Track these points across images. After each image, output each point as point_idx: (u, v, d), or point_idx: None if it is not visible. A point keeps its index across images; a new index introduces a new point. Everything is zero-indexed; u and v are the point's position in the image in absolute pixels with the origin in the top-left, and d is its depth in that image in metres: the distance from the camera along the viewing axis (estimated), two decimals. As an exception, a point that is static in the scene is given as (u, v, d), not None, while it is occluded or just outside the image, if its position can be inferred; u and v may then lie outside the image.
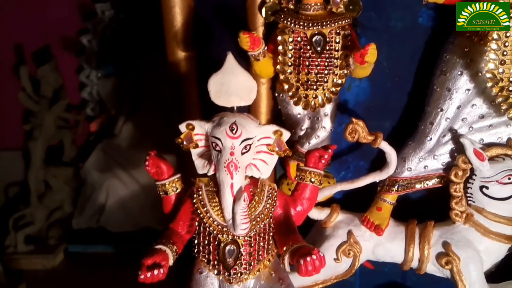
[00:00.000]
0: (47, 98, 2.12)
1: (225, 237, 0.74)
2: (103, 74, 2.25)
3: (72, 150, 2.30)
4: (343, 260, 0.94)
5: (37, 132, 2.06)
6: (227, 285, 0.76)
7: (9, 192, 2.36)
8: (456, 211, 0.90)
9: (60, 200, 2.20)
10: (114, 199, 2.13)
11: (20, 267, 2.00)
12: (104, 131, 2.29)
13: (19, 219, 2.08)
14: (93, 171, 2.17)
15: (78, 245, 2.12)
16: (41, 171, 2.12)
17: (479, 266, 0.88)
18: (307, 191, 0.80)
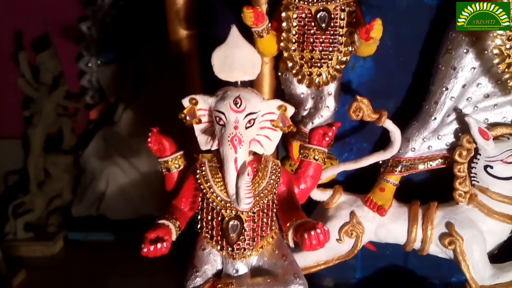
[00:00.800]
0: (46, 85, 2.10)
1: (228, 213, 0.73)
2: (103, 62, 2.24)
3: (72, 138, 2.29)
4: (345, 241, 0.93)
5: (36, 119, 2.05)
6: (230, 262, 0.76)
7: (8, 180, 2.35)
8: (459, 191, 0.89)
9: (60, 187, 2.19)
10: (114, 187, 2.13)
11: (19, 254, 2.00)
12: (104, 119, 2.28)
13: (19, 206, 2.08)
14: (93, 159, 2.16)
15: (78, 232, 2.12)
16: (40, 159, 2.11)
17: (483, 246, 0.88)
18: (310, 169, 0.80)
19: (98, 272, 1.99)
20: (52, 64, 2.09)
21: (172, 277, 0.87)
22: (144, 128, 2.11)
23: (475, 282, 0.87)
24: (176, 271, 0.81)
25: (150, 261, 2.10)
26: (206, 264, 0.76)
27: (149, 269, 1.98)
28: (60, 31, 2.26)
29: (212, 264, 0.76)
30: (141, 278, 1.92)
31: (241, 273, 0.76)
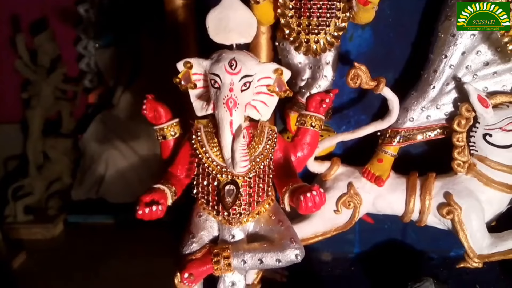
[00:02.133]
0: (44, 68, 2.09)
1: (224, 178, 0.73)
2: (101, 45, 2.22)
3: (71, 122, 2.28)
4: (343, 212, 0.93)
5: (35, 101, 2.05)
6: (226, 228, 0.75)
7: (8, 165, 2.35)
8: (458, 161, 0.88)
9: (59, 171, 2.19)
10: (113, 170, 2.13)
11: (20, 236, 2.00)
12: (103, 102, 2.28)
13: (18, 189, 2.08)
14: (92, 142, 2.16)
15: (78, 215, 2.13)
16: (39, 142, 2.11)
17: (481, 215, 0.87)
18: (307, 136, 0.79)
19: (97, 254, 2.00)
20: (49, 46, 2.07)
21: (171, 260, 0.86)
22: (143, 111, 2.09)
23: (473, 252, 0.87)
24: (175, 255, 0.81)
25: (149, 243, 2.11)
26: (203, 230, 0.76)
27: (148, 251, 1.99)
28: (57, 14, 2.24)
29: (208, 231, 0.76)
30: (140, 261, 1.93)
31: (237, 239, 0.75)
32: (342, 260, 1.13)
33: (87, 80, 2.30)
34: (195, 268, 0.70)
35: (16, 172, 2.28)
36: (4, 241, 1.86)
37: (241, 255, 0.72)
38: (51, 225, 2.04)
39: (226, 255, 0.71)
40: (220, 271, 0.72)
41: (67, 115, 2.26)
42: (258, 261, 0.71)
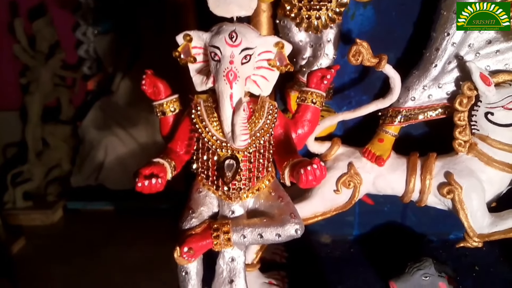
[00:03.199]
0: (43, 53, 2.08)
1: (224, 152, 0.72)
2: (100, 31, 2.21)
3: (70, 109, 2.28)
4: (343, 192, 0.92)
5: (33, 87, 2.04)
6: (226, 204, 0.75)
7: (7, 152, 2.35)
8: (459, 140, 0.88)
9: (58, 158, 2.19)
10: (112, 157, 2.13)
11: (19, 222, 2.01)
12: (102, 89, 2.27)
13: (17, 176, 2.08)
14: (91, 129, 2.16)
15: (77, 202, 2.13)
16: (38, 128, 2.11)
17: (481, 195, 0.87)
18: (308, 113, 0.78)
19: (97, 241, 2.00)
20: (48, 31, 2.06)
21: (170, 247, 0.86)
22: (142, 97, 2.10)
23: (473, 231, 0.87)
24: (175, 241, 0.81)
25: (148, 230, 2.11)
26: (202, 206, 0.75)
27: (148, 238, 1.99)
28: (56, 0, 2.22)
29: (208, 207, 0.76)
30: (140, 247, 1.94)
31: (237, 215, 0.75)
32: (341, 242, 1.13)
33: (86, 67, 2.29)
34: (194, 242, 0.70)
35: (15, 159, 2.27)
36: (3, 226, 1.86)
37: (241, 230, 0.71)
38: (50, 211, 2.04)
39: (225, 230, 0.71)
40: (219, 246, 0.72)
41: (66, 102, 2.25)
42: (258, 236, 0.71)
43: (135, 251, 1.92)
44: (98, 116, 2.15)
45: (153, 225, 2.00)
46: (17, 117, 2.33)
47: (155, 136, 2.10)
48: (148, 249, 1.91)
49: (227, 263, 0.75)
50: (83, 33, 2.22)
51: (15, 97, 2.33)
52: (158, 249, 1.86)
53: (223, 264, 0.76)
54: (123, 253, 1.92)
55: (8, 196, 2.03)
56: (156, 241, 1.91)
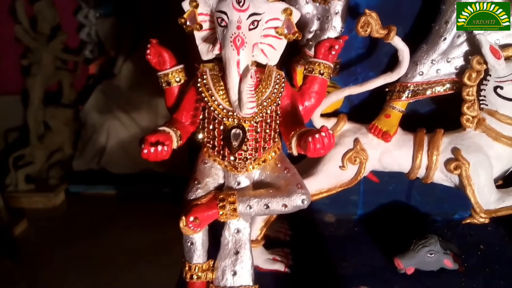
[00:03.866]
0: (44, 35, 2.06)
1: (230, 122, 0.71)
2: (102, 14, 2.19)
3: (71, 93, 2.27)
4: (348, 168, 0.92)
5: (35, 69, 2.03)
6: (232, 175, 0.74)
7: (8, 137, 2.34)
8: (467, 116, 0.87)
9: (60, 141, 2.19)
10: (114, 141, 2.12)
11: (21, 205, 2.01)
12: (104, 73, 2.25)
13: (19, 159, 2.08)
14: (93, 113, 2.15)
15: (79, 185, 2.13)
16: (40, 111, 2.10)
17: (489, 171, 0.86)
18: (315, 84, 0.77)
19: (99, 224, 2.00)
20: (49, 13, 2.04)
21: (172, 230, 0.85)
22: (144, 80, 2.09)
23: (479, 207, 0.86)
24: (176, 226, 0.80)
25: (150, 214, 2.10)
26: (208, 177, 0.75)
27: (150, 222, 1.99)
28: (57, -18, 2.19)
29: (213, 178, 0.75)
30: (142, 231, 1.94)
31: (243, 186, 0.74)
32: (345, 221, 1.13)
33: (88, 51, 2.27)
34: (200, 212, 0.70)
35: (17, 143, 2.27)
36: (5, 209, 1.86)
37: (247, 200, 0.71)
38: (52, 194, 2.04)
39: (231, 200, 0.70)
40: (225, 217, 0.71)
41: (67, 86, 2.24)
42: (264, 206, 0.70)
43: (137, 235, 1.93)
44: (100, 100, 2.14)
45: (154, 209, 2.01)
46: (18, 101, 2.32)
47: (157, 120, 2.09)
48: (150, 233, 1.91)
49: (233, 235, 0.75)
50: (84, 16, 2.20)
51: (17, 81, 2.32)
52: (159, 233, 1.87)
53: (228, 236, 0.75)
54: (125, 237, 1.92)
55: (10, 179, 2.02)
56: (157, 225, 1.92)
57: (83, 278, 1.63)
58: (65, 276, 1.63)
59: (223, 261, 0.75)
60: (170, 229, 0.84)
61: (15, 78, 2.32)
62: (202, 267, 0.75)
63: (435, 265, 0.93)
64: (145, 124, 2.12)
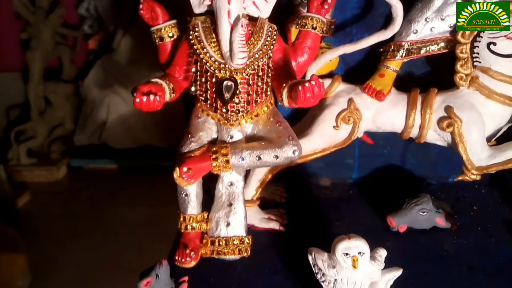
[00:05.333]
0: (43, 10, 2.06)
1: (222, 74, 0.72)
2: (100, -12, 2.18)
3: (71, 69, 2.27)
4: (342, 127, 0.92)
5: (34, 43, 2.03)
6: (225, 129, 0.76)
7: (10, 113, 2.36)
8: (461, 74, 0.87)
9: (61, 117, 2.21)
10: (115, 116, 2.14)
11: (24, 179, 2.04)
12: (103, 48, 2.25)
13: (21, 133, 2.10)
14: (93, 88, 2.16)
15: (81, 159, 2.15)
16: (40, 86, 2.11)
17: (481, 128, 0.87)
18: (308, 39, 0.78)
19: (100, 198, 2.04)
20: (48, -13, 2.03)
21: (172, 205, 0.87)
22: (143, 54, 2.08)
23: (471, 164, 0.87)
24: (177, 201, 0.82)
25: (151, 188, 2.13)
26: (201, 131, 0.76)
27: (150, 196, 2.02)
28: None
29: (207, 132, 0.76)
30: (142, 205, 1.97)
31: (235, 140, 0.75)
32: (340, 185, 1.14)
33: (87, 26, 2.27)
34: (193, 163, 0.71)
35: (19, 119, 2.29)
36: (8, 181, 1.89)
37: (240, 152, 0.72)
38: (54, 168, 2.07)
39: (224, 153, 0.72)
40: (218, 169, 0.73)
41: (67, 62, 2.24)
42: (256, 158, 0.72)
43: (137, 208, 1.96)
44: (99, 75, 2.15)
45: (155, 183, 2.03)
46: (19, 78, 2.33)
47: (157, 96, 2.10)
48: (150, 206, 1.94)
49: (226, 187, 0.76)
50: (83, -10, 2.19)
51: (17, 58, 2.32)
52: (159, 206, 1.89)
53: (222, 189, 0.77)
54: (125, 210, 1.96)
55: (12, 153, 2.05)
56: (158, 198, 1.94)
57: (84, 249, 1.67)
58: (66, 247, 1.67)
59: (217, 213, 0.76)
60: (171, 202, 0.86)
61: (16, 55, 2.33)
62: (197, 218, 0.76)
63: (427, 224, 0.94)
64: (145, 99, 2.12)
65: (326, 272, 0.69)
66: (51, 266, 1.55)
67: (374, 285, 0.71)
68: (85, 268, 1.54)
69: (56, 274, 1.51)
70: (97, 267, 1.55)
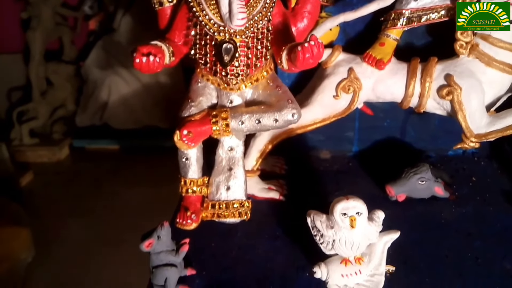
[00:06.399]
0: (43, -11, 2.05)
1: (222, 36, 0.72)
2: (100, -32, 2.16)
3: (72, 50, 2.27)
4: (342, 97, 0.93)
5: (35, 23, 2.03)
6: (225, 93, 0.76)
7: (12, 95, 2.37)
8: (461, 41, 0.87)
9: (63, 97, 2.21)
10: (116, 96, 2.14)
11: (26, 159, 2.06)
12: (103, 29, 2.25)
13: (23, 114, 2.11)
14: (94, 69, 2.16)
15: (83, 140, 2.16)
16: (41, 67, 2.11)
17: (481, 96, 0.87)
18: (308, 4, 0.78)
19: (102, 177, 2.06)
20: (47, -34, 2.02)
21: (173, 185, 0.88)
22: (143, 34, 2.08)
23: (470, 131, 0.87)
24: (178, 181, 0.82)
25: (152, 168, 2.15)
26: (201, 96, 0.76)
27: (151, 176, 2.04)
28: None
29: (207, 97, 0.77)
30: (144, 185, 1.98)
31: (235, 104, 0.76)
32: (340, 158, 1.15)
33: (87, 7, 2.26)
34: (193, 127, 0.72)
35: (21, 100, 2.30)
36: (11, 160, 1.91)
37: (239, 116, 0.72)
38: (57, 148, 2.08)
39: (224, 116, 0.72)
40: (218, 133, 0.73)
41: (68, 43, 2.24)
42: (256, 122, 0.72)
43: (139, 188, 1.98)
44: (100, 56, 2.14)
45: (157, 163, 2.05)
46: (21, 59, 2.34)
47: (158, 76, 2.10)
48: (152, 186, 1.96)
49: (226, 152, 0.77)
50: (83, -30, 2.18)
51: (19, 40, 2.32)
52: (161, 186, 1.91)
53: (222, 154, 0.77)
54: (127, 190, 1.97)
55: (14, 133, 2.07)
56: (159, 179, 1.96)
57: (86, 226, 1.69)
58: (68, 224, 1.69)
59: (217, 177, 0.77)
60: (172, 182, 0.87)
61: (18, 37, 2.33)
62: (197, 182, 0.77)
63: (426, 193, 0.94)
64: (146, 79, 2.13)
65: (324, 233, 0.70)
66: (53, 241, 1.57)
67: (372, 247, 0.72)
68: (87, 243, 1.57)
69: (59, 249, 1.53)
70: (98, 242, 1.57)
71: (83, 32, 2.31)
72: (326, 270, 0.70)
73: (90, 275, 1.45)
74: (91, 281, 1.43)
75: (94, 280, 1.44)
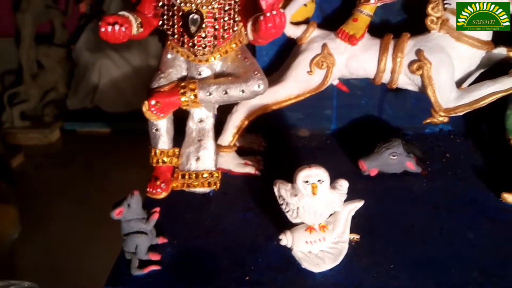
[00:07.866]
0: (31, -30, 2.05)
1: (188, 7, 0.73)
2: (90, -50, 2.16)
3: (63, 33, 2.28)
4: (316, 72, 0.94)
5: (24, 4, 2.03)
6: (194, 65, 0.77)
7: (4, 78, 2.38)
8: (432, 17, 0.88)
9: (54, 80, 2.23)
10: (106, 79, 2.16)
11: (18, 141, 2.08)
12: (95, 12, 2.25)
13: (14, 97, 2.13)
14: (85, 52, 2.17)
15: (74, 123, 2.18)
16: (32, 50, 2.13)
17: (450, 70, 0.88)
18: (278, -24, 0.78)
19: (93, 160, 2.08)
20: None
21: None
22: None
23: (439, 106, 0.89)
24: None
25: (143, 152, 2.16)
26: (171, 68, 0.78)
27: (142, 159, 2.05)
28: None
29: (177, 69, 0.78)
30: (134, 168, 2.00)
31: (204, 76, 0.77)
32: (318, 136, 1.16)
33: (78, -11, 2.26)
34: (162, 97, 0.73)
35: (12, 84, 2.31)
36: (1, 142, 1.93)
37: (207, 87, 0.74)
38: (48, 131, 2.11)
39: (192, 88, 0.74)
40: (187, 104, 0.75)
41: (59, 26, 2.25)
42: (223, 92, 0.74)
43: (130, 170, 1.99)
44: (91, 39, 2.15)
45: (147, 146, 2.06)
46: (13, 43, 2.34)
47: (148, 60, 2.11)
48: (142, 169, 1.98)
49: (196, 124, 0.79)
50: (73, -47, 2.17)
51: (11, 23, 2.33)
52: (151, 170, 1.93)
53: (192, 125, 0.79)
54: (118, 173, 2.00)
55: (6, 116, 2.09)
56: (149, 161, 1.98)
57: (76, 207, 1.71)
58: (58, 204, 1.72)
59: (188, 148, 0.79)
60: None
61: (10, 20, 2.33)
62: (167, 152, 0.79)
63: (398, 168, 0.96)
64: (136, 63, 2.14)
65: (289, 201, 0.72)
66: (43, 219, 1.60)
67: (336, 215, 0.74)
68: (76, 222, 1.60)
69: (47, 227, 1.56)
70: (87, 221, 1.60)
71: (74, 15, 2.31)
72: (292, 237, 0.72)
73: (77, 250, 1.48)
74: (78, 256, 1.46)
75: (81, 254, 1.47)
